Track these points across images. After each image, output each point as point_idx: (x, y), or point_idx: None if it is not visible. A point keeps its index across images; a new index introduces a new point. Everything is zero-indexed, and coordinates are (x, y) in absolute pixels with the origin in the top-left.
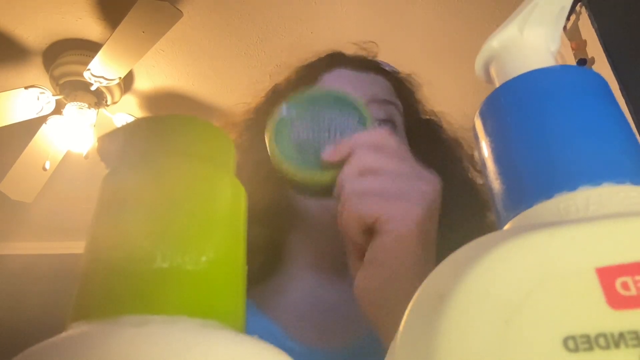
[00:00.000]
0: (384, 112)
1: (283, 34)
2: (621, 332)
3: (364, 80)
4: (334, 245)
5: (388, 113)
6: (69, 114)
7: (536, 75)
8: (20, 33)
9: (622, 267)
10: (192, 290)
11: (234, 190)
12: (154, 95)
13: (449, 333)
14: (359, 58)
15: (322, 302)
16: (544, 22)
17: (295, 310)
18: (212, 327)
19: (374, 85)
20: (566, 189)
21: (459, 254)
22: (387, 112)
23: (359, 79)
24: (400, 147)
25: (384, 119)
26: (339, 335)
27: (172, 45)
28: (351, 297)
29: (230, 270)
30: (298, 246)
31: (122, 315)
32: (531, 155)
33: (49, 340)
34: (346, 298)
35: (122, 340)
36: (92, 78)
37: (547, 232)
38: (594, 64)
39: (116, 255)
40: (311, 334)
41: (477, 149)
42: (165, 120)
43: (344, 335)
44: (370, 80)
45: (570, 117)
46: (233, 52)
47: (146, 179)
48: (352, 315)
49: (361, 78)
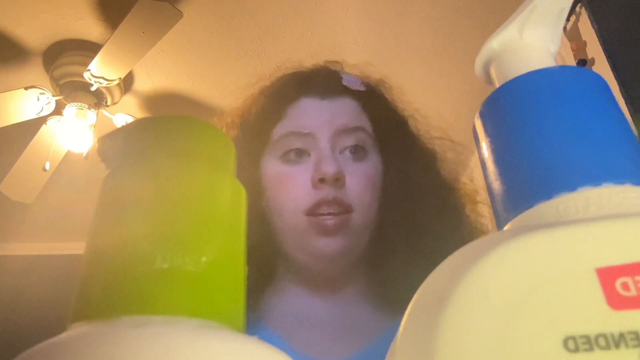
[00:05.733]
0: (352, 139)
1: (283, 34)
2: (621, 333)
3: (329, 109)
4: (321, 275)
5: (356, 139)
6: (69, 115)
7: (536, 76)
8: (21, 34)
9: (622, 267)
10: (192, 291)
11: (234, 191)
12: (154, 96)
13: (449, 333)
14: (322, 81)
15: (319, 316)
16: (544, 23)
17: (294, 322)
18: (212, 328)
19: (340, 115)
20: (566, 189)
21: (458, 254)
22: (356, 139)
23: (324, 109)
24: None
25: (353, 145)
26: (339, 347)
27: (172, 45)
28: (346, 312)
29: (231, 270)
30: (287, 268)
31: (122, 315)
32: (531, 156)
33: (49, 341)
34: (341, 312)
35: (122, 340)
36: (92, 79)
37: (547, 232)
38: (594, 65)
39: (116, 256)
40: (313, 345)
41: (477, 150)
42: (165, 120)
43: (344, 347)
44: (336, 108)
45: (570, 117)
46: (233, 53)
47: (146, 180)
48: (349, 328)
49: (327, 108)
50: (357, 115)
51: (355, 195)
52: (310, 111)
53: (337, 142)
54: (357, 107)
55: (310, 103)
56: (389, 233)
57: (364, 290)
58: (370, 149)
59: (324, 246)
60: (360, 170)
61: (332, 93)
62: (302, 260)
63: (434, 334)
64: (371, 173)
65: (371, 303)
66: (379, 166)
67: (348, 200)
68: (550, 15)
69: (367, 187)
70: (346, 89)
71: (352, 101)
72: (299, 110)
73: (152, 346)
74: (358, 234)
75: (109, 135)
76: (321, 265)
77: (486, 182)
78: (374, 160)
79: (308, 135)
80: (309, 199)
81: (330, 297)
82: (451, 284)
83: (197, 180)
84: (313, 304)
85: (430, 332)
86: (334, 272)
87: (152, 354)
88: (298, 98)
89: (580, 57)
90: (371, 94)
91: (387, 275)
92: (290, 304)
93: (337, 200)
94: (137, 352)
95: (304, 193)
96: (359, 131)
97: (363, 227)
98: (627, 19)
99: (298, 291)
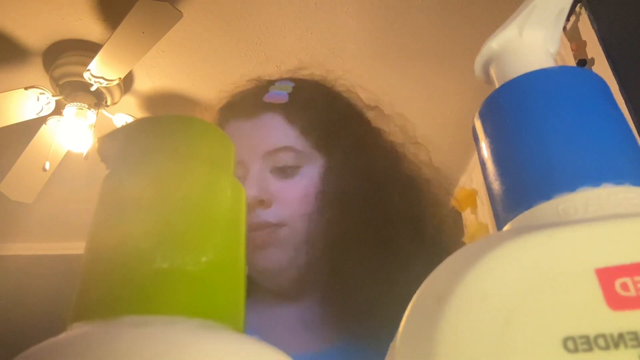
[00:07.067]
0: (279, 159)
1: (283, 34)
2: (620, 333)
3: (255, 129)
4: (271, 287)
5: (283, 159)
6: (69, 115)
7: (535, 76)
8: (21, 34)
9: (622, 267)
10: (192, 291)
11: (234, 191)
12: (154, 96)
13: (448, 334)
14: (245, 102)
15: (285, 319)
16: (544, 23)
17: (259, 324)
18: (212, 328)
19: (265, 134)
20: (565, 189)
21: (458, 255)
22: (282, 159)
23: (250, 130)
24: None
25: (280, 166)
26: (310, 344)
27: (172, 45)
28: (303, 317)
29: (230, 270)
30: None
31: (122, 315)
32: (530, 156)
33: (49, 341)
34: (299, 318)
35: (122, 340)
36: (92, 79)
37: (546, 233)
38: (594, 65)
39: (116, 255)
40: (286, 343)
41: (476, 150)
42: (165, 120)
43: (314, 344)
44: (261, 127)
45: (570, 118)
46: (233, 53)
47: (146, 180)
48: (307, 332)
49: (252, 128)
50: (282, 131)
51: (285, 212)
52: (237, 135)
53: (266, 163)
54: (282, 122)
55: (237, 125)
56: (342, 241)
57: (321, 299)
58: (303, 161)
59: (262, 260)
60: (290, 187)
61: (256, 111)
62: (252, 275)
63: (433, 334)
64: (303, 187)
65: (328, 312)
66: (315, 176)
67: (275, 220)
68: (550, 16)
69: (299, 201)
70: (267, 105)
71: (277, 116)
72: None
73: (152, 346)
74: (295, 247)
75: (109, 135)
76: (264, 279)
77: (486, 182)
78: (309, 171)
79: (239, 162)
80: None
81: (289, 306)
82: (451, 284)
83: (197, 180)
84: (274, 310)
85: (430, 332)
86: (281, 284)
87: (152, 354)
88: (228, 121)
89: (580, 57)
90: (299, 103)
91: (342, 285)
92: (255, 310)
93: (262, 224)
94: (137, 352)
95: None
96: (284, 150)
97: (299, 240)
98: (627, 19)
99: (262, 298)
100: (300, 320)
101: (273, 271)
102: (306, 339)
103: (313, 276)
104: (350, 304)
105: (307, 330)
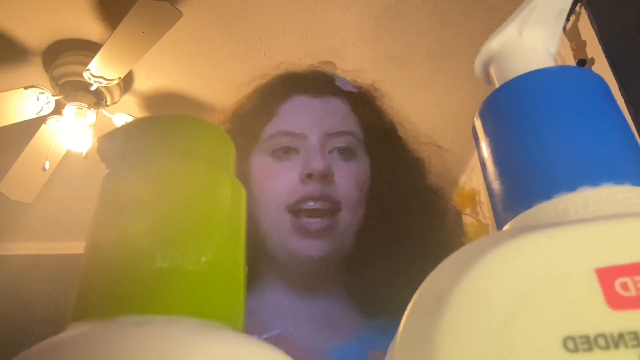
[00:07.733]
0: (341, 141)
1: (283, 34)
2: (620, 333)
3: (320, 108)
4: (303, 277)
5: (345, 141)
6: (69, 114)
7: (535, 76)
8: (20, 33)
9: (622, 267)
10: (192, 290)
11: (234, 191)
12: (154, 96)
13: (448, 334)
14: (315, 81)
15: (299, 311)
16: (543, 23)
17: (276, 317)
18: (212, 327)
19: (330, 115)
20: (565, 189)
21: (458, 255)
22: (345, 141)
23: (315, 108)
24: None
25: (342, 146)
26: (321, 339)
27: (172, 45)
28: (324, 309)
29: (230, 270)
30: (269, 264)
31: (122, 315)
32: (530, 156)
33: (49, 340)
34: (320, 310)
35: (122, 340)
36: (92, 78)
37: (546, 232)
38: (594, 65)
39: (116, 255)
40: (304, 336)
41: (476, 150)
42: (165, 120)
43: (325, 340)
44: (327, 107)
45: (570, 117)
46: (233, 53)
47: (146, 179)
48: (328, 324)
49: (318, 106)
50: (346, 117)
51: (344, 193)
52: (302, 109)
53: (326, 142)
54: (347, 109)
55: (302, 101)
56: (372, 237)
57: (343, 291)
58: (358, 151)
59: (308, 248)
60: (349, 169)
61: (324, 92)
62: (283, 259)
63: (433, 334)
64: (359, 173)
65: (349, 304)
66: (367, 168)
67: (337, 197)
68: (550, 15)
69: (355, 186)
70: (338, 90)
71: (343, 103)
72: (290, 109)
73: (152, 346)
74: (343, 236)
75: (109, 135)
76: (301, 266)
77: (486, 182)
78: (362, 162)
79: (298, 134)
80: (294, 194)
81: (309, 297)
82: (451, 284)
83: (197, 180)
84: (294, 301)
85: (430, 332)
86: (314, 272)
87: (152, 353)
88: (290, 96)
89: (580, 56)
90: (362, 98)
91: (367, 280)
92: (271, 300)
93: (325, 196)
94: (137, 352)
95: (290, 188)
96: (347, 135)
97: (348, 228)
98: (627, 19)
99: (279, 287)
100: (318, 311)
101: (314, 259)
102: (329, 333)
103: (339, 268)
104: (375, 299)
105: (330, 324)
